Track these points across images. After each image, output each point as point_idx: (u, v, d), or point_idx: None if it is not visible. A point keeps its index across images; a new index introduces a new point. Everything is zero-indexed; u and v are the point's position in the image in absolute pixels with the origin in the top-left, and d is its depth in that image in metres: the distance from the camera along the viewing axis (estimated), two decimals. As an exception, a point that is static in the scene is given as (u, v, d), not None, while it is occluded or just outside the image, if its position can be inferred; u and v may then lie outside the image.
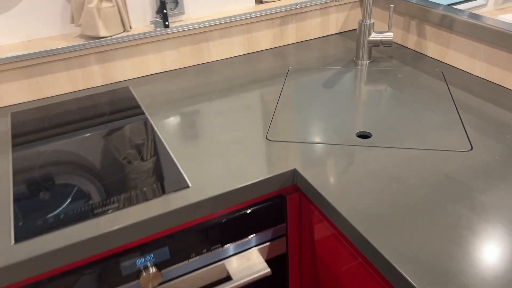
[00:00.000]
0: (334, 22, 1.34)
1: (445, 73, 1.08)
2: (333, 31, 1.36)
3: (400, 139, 0.83)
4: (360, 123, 0.89)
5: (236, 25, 1.20)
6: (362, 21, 1.11)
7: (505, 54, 0.97)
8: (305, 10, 1.27)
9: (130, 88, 1.10)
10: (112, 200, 0.72)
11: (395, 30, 1.25)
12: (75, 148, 0.87)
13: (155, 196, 0.72)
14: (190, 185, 0.74)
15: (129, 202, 0.71)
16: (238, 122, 0.92)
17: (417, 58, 1.16)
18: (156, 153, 0.84)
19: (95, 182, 0.77)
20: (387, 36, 1.11)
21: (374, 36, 1.12)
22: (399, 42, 1.26)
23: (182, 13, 1.13)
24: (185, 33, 1.14)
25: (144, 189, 0.74)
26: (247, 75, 1.13)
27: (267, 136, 0.87)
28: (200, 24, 1.14)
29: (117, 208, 0.70)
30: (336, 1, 0.95)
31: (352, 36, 1.34)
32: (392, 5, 1.08)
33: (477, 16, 1.04)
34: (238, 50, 1.24)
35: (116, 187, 0.75)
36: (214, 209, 0.73)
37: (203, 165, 0.80)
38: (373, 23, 1.11)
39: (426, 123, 0.88)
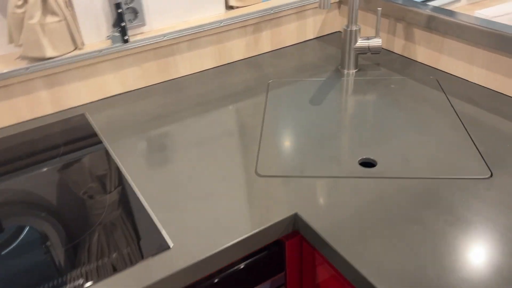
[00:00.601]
0: (311, 26, 1.23)
1: (441, 81, 0.98)
2: (310, 36, 1.24)
3: (409, 167, 0.73)
4: (361, 147, 0.78)
5: (206, 35, 1.06)
6: (348, 26, 1.00)
7: (505, 59, 0.88)
8: (280, 15, 1.15)
9: (86, 114, 0.94)
10: (68, 277, 0.57)
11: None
12: (17, 192, 0.71)
13: (127, 265, 0.58)
14: (171, 245, 0.60)
15: (94, 276, 0.56)
16: (219, 153, 0.79)
17: (407, 65, 1.06)
18: (123, 201, 0.69)
19: (45, 255, 0.61)
20: (375, 42, 1.01)
21: (361, 43, 1.01)
22: (384, 46, 1.16)
23: (143, 24, 0.98)
24: (148, 47, 0.99)
25: (114, 255, 0.59)
26: (222, 91, 1.00)
27: (257, 170, 0.74)
28: (164, 37, 0.99)
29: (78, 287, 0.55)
30: (323, 8, 0.83)
31: (331, 41, 1.23)
32: (379, 9, 0.97)
33: (471, 18, 0.95)
34: (209, 63, 1.10)
35: (72, 257, 0.60)
36: (202, 273, 0.60)
37: (183, 214, 0.66)
38: (359, 29, 1.00)
39: (434, 145, 0.77)
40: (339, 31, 1.29)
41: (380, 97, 0.93)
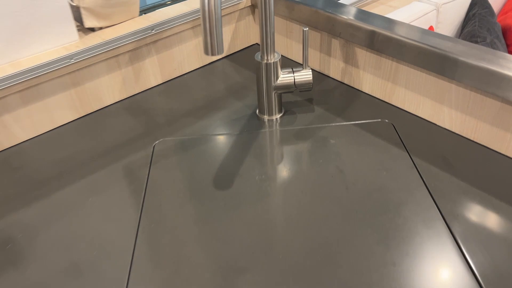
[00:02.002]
0: (217, 42, 0.89)
1: (398, 126, 0.69)
2: (217, 55, 0.90)
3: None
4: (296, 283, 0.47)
5: (52, 78, 0.70)
6: (262, 58, 0.67)
7: (493, 102, 0.60)
8: (167, 34, 0.80)
9: None
10: None
11: (310, 51, 0.84)
12: None
13: None
14: None
15: None
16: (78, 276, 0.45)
17: (350, 99, 0.76)
18: None
19: None
20: (304, 76, 0.69)
21: (284, 78, 0.69)
22: (317, 68, 0.85)
23: None
24: None
25: None
26: (82, 159, 0.65)
27: None
28: (-29, 95, 0.62)
29: None
30: (211, 54, 0.49)
31: (246, 58, 0.90)
32: (306, 29, 0.65)
33: (437, 39, 0.65)
34: (65, 116, 0.74)
35: None
36: None
37: None
38: (279, 60, 0.67)
39: (407, 264, 0.48)
40: (256, 44, 0.96)
41: (315, 165, 0.62)
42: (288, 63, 0.88)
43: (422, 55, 0.64)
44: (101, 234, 0.55)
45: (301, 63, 0.87)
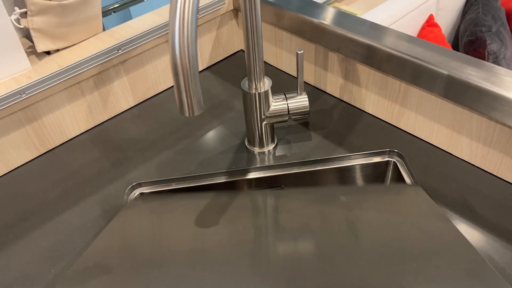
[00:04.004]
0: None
1: (407, 152, 0.60)
2: (199, 66, 0.79)
3: None
4: None
5: (3, 116, 0.59)
6: (249, 87, 0.57)
7: (509, 130, 0.52)
8: (137, 51, 0.68)
9: None
10: None
11: (305, 63, 0.73)
12: None
13: None
14: None
15: None
16: None
17: (351, 121, 0.66)
18: None
19: None
20: (299, 104, 0.59)
21: (276, 106, 0.59)
22: (312, 83, 0.74)
23: None
24: None
25: None
26: (47, 204, 0.55)
27: None
28: None
29: None
30: (188, 115, 0.39)
31: (230, 68, 0.80)
32: (300, 51, 0.55)
33: (456, 62, 0.56)
34: (22, 156, 0.64)
35: None
36: None
37: None
38: (270, 88, 0.57)
39: None
40: (241, 50, 0.85)
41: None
42: (278, 74, 0.78)
43: (437, 80, 0.55)
44: None
45: (292, 74, 0.77)
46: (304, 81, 0.75)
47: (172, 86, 0.77)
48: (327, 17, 0.65)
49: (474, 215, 0.52)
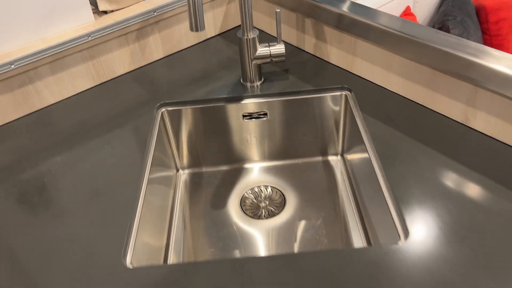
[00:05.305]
0: (210, 22, 1.04)
1: (355, 88, 0.84)
2: (211, 33, 1.06)
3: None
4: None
5: (74, 53, 0.86)
6: (243, 34, 0.82)
7: (426, 69, 0.75)
8: (167, 15, 0.95)
9: None
10: None
11: (288, 29, 0.99)
12: None
13: None
14: None
15: None
16: (81, 228, 0.62)
17: (319, 69, 0.91)
18: None
19: None
20: (278, 49, 0.84)
21: (261, 51, 0.84)
22: (295, 44, 0.99)
23: (-21, 53, 0.76)
24: (-7, 80, 0.78)
25: None
26: (99, 118, 0.82)
27: (127, 260, 0.59)
28: (12, 65, 0.78)
29: None
30: (195, 30, 0.64)
31: (235, 37, 1.05)
32: (278, 10, 0.80)
33: (386, 19, 0.80)
34: (84, 84, 0.91)
35: None
36: None
37: None
38: (257, 35, 0.83)
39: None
40: (245, 23, 1.11)
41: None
42: (272, 40, 1.03)
43: (373, 34, 0.79)
44: (116, 170, 0.72)
45: (283, 39, 1.02)
46: (287, 42, 1.00)
47: (191, 46, 1.03)
48: (304, -7, 0.90)
49: (392, 122, 0.76)
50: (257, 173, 0.93)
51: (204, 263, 0.56)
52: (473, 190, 0.63)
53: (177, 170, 0.94)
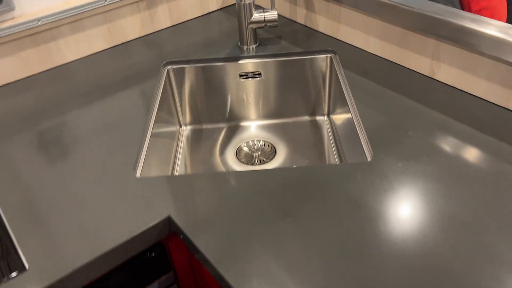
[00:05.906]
0: (213, -3, 1.16)
1: (339, 52, 0.96)
2: (214, 7, 1.17)
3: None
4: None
5: (90, 16, 0.97)
6: (241, 0, 0.94)
7: (398, 29, 0.86)
8: (175, -13, 1.07)
9: (-42, 113, 0.85)
10: None
11: (282, 2, 1.10)
12: None
13: (-23, 294, 0.53)
14: (27, 266, 0.56)
15: None
16: (98, 152, 0.73)
17: (308, 36, 1.02)
18: (-15, 217, 0.63)
19: None
20: (271, 15, 0.96)
21: (256, 16, 0.96)
22: (288, 16, 1.11)
23: (11, 9, 0.88)
24: (22, 34, 0.90)
25: (-38, 284, 0.54)
26: (114, 76, 0.93)
27: (137, 172, 0.70)
28: (39, 21, 0.90)
29: None
30: None
31: (235, 11, 1.17)
32: (272, -21, 0.92)
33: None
34: (100, 45, 1.02)
35: None
36: (67, 291, 0.56)
37: (47, 226, 0.61)
38: (253, 1, 0.94)
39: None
40: None
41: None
42: (267, 14, 1.14)
43: (354, 1, 0.91)
44: (128, 113, 0.83)
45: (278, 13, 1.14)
46: (281, 15, 1.12)
47: (196, 18, 1.15)
48: (296, -32, 1.02)
49: (368, 75, 0.87)
50: (252, 130, 1.04)
51: (205, 174, 0.67)
52: (433, 126, 0.73)
53: (180, 126, 1.05)
